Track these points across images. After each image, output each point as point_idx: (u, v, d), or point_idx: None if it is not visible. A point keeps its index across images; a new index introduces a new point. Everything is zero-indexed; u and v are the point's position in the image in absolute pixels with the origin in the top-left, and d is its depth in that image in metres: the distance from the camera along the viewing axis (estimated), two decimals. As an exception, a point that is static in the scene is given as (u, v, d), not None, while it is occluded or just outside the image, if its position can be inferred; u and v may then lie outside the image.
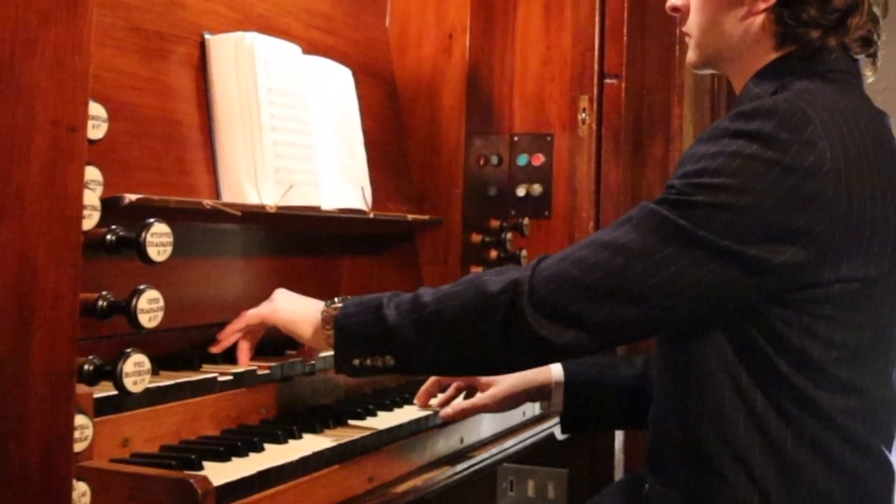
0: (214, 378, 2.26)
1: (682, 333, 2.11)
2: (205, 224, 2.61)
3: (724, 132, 2.02)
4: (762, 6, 2.15)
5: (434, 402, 2.62)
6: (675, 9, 2.34)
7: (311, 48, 2.93)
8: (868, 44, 2.19)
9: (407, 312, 2.18)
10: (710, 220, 1.96)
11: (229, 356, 2.46)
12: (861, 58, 2.21)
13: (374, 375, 2.40)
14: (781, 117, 1.97)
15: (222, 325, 2.60)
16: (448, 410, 2.52)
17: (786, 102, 2.00)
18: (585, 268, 2.04)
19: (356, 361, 2.23)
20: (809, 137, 1.95)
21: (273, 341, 2.57)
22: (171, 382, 2.15)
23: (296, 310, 2.38)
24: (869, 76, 2.24)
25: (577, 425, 2.70)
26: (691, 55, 2.32)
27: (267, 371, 2.41)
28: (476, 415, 2.59)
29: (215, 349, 2.44)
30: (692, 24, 2.28)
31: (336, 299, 2.30)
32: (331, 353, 2.37)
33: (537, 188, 3.66)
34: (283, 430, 2.20)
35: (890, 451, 2.12)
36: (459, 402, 2.56)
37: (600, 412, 2.64)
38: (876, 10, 2.17)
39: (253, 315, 2.43)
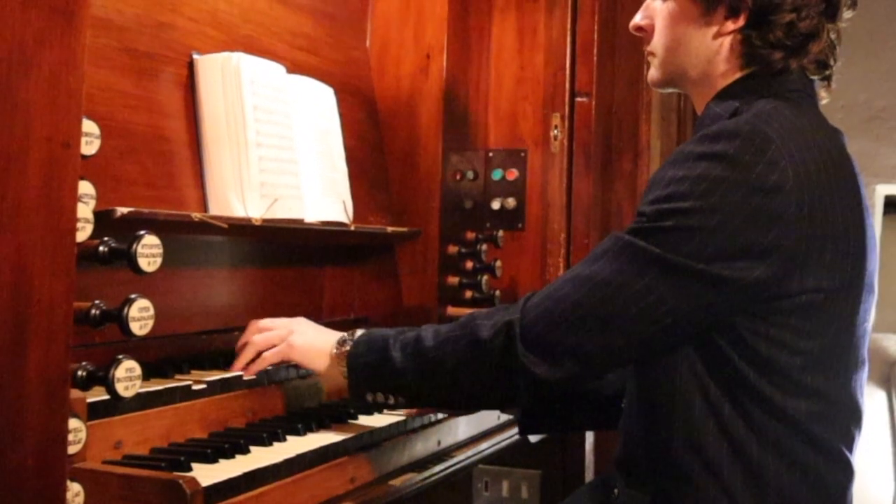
0: (202, 383, 2.26)
1: None
2: (193, 236, 2.61)
3: (690, 155, 2.01)
4: (731, 27, 2.15)
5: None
6: (640, 28, 2.31)
7: (294, 68, 2.94)
8: (824, 67, 2.20)
9: (410, 356, 2.20)
10: (682, 244, 1.96)
11: (215, 362, 2.47)
12: (816, 80, 2.22)
13: (387, 409, 2.43)
14: (744, 139, 1.97)
15: (210, 333, 2.61)
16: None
17: (747, 124, 2.00)
18: (571, 305, 2.04)
19: (369, 397, 2.27)
20: (772, 157, 1.95)
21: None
22: (161, 387, 2.16)
23: (311, 346, 2.39)
24: (824, 97, 2.25)
25: (535, 428, 2.69)
26: (654, 73, 2.31)
27: (252, 377, 2.41)
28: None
29: (237, 368, 2.44)
30: (657, 44, 2.27)
31: (346, 335, 2.32)
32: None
33: (511, 202, 3.67)
34: (268, 433, 2.20)
35: (851, 452, 2.12)
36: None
37: (557, 415, 2.61)
38: (833, 36, 2.19)
39: (270, 351, 2.43)
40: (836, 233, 2.00)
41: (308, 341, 2.41)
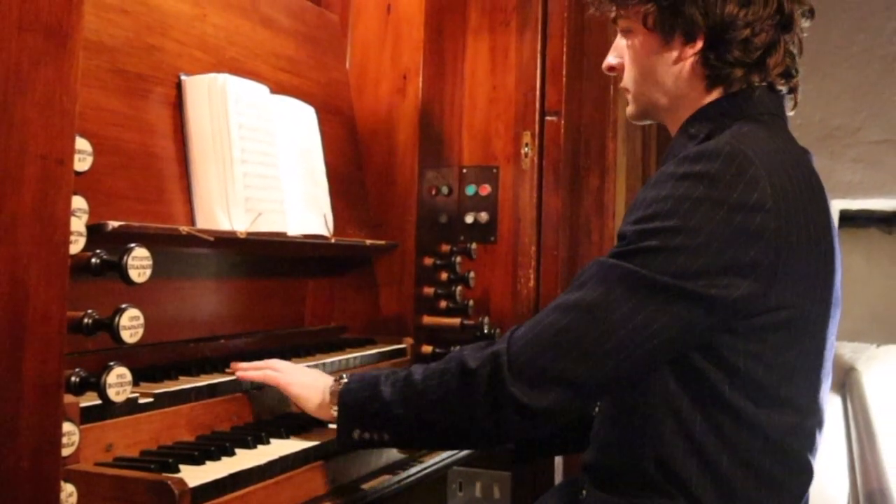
0: (190, 389, 2.27)
1: None
2: (181, 248, 2.62)
3: (671, 176, 1.99)
4: (690, 52, 2.15)
5: None
6: (611, 68, 2.31)
7: (278, 88, 2.95)
8: (789, 76, 2.19)
9: (400, 390, 2.15)
10: (667, 264, 1.93)
11: (202, 368, 2.47)
12: (784, 96, 2.21)
13: (371, 448, 2.35)
14: (724, 159, 1.95)
15: (198, 341, 2.62)
16: None
17: (727, 145, 1.98)
18: (557, 331, 1.99)
19: (356, 434, 2.20)
20: (752, 177, 1.94)
21: (244, 354, 2.58)
22: (151, 392, 2.16)
23: (306, 385, 2.38)
24: (789, 111, 2.24)
25: (528, 456, 2.67)
26: (630, 108, 2.30)
27: (238, 382, 2.42)
28: None
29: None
30: (628, 79, 2.27)
31: (343, 376, 2.29)
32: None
33: (484, 216, 3.68)
34: (252, 436, 2.21)
35: (814, 457, 2.11)
36: None
37: (549, 442, 2.61)
38: (792, 48, 2.18)
39: (269, 378, 2.42)
40: (810, 248, 2.00)
41: (303, 380, 2.40)
